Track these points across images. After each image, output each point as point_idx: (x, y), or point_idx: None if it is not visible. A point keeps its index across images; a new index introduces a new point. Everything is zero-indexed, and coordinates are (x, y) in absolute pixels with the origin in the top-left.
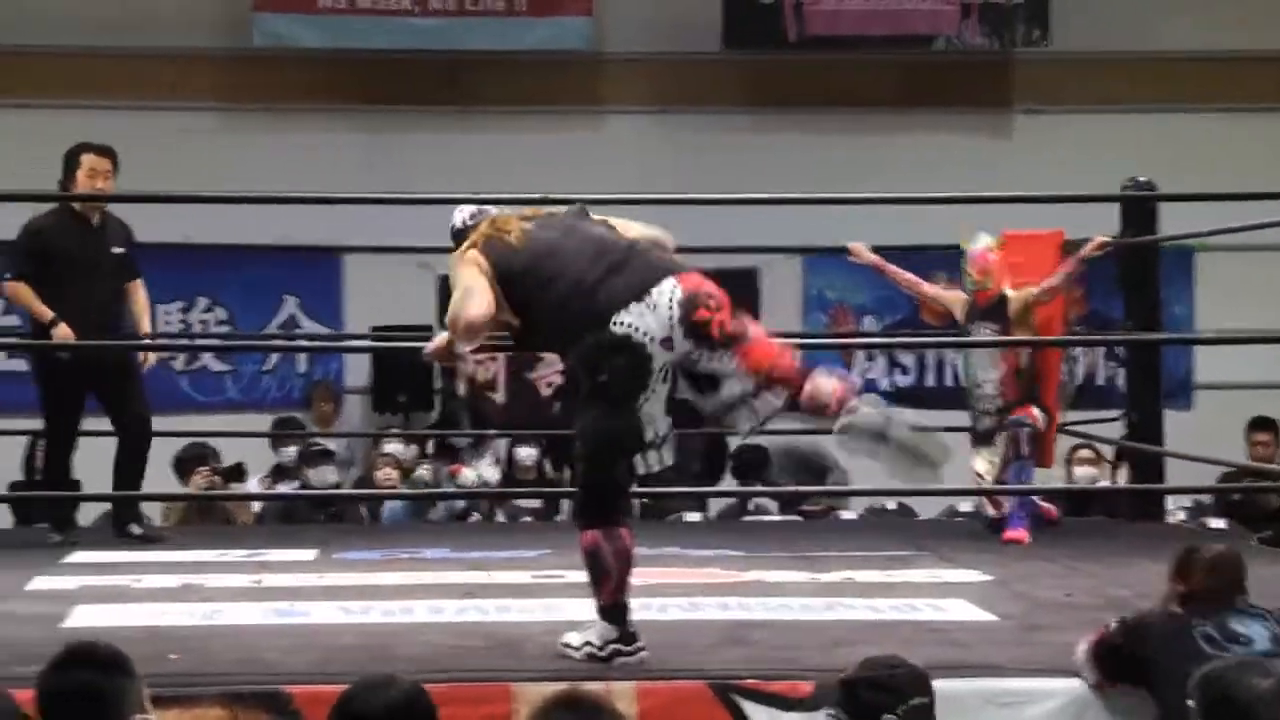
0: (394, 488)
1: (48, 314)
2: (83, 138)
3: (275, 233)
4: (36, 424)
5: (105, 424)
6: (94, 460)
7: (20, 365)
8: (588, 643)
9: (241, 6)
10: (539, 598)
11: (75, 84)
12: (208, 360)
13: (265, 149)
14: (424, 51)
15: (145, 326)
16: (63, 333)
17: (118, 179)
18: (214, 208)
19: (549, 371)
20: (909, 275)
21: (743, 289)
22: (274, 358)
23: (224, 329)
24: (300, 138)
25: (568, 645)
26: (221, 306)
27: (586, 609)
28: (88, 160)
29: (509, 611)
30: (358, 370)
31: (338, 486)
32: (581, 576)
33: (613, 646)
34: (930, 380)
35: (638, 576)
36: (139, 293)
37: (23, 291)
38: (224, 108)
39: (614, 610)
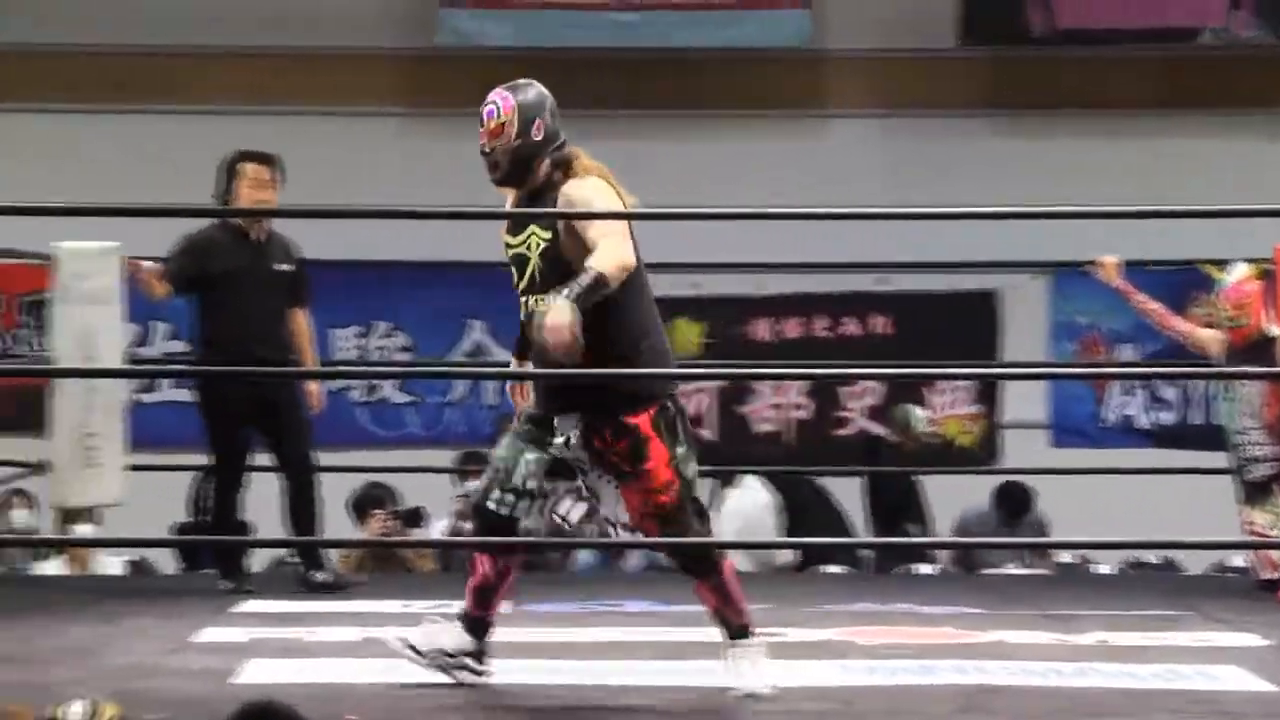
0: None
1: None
2: (250, 144)
3: (460, 249)
4: (204, 460)
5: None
6: (266, 501)
7: (186, 395)
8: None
9: (427, 2)
10: None
11: (243, 87)
12: (388, 391)
13: (450, 157)
14: (623, 49)
15: (309, 359)
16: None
17: (283, 189)
18: (393, 222)
19: (763, 405)
20: (1157, 306)
21: (980, 313)
22: (459, 388)
23: (405, 356)
24: None
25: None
26: (402, 331)
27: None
28: (249, 170)
29: (716, 674)
30: None
31: (529, 531)
32: (809, 635)
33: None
34: (1197, 418)
35: (865, 636)
36: (301, 321)
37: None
38: (405, 112)
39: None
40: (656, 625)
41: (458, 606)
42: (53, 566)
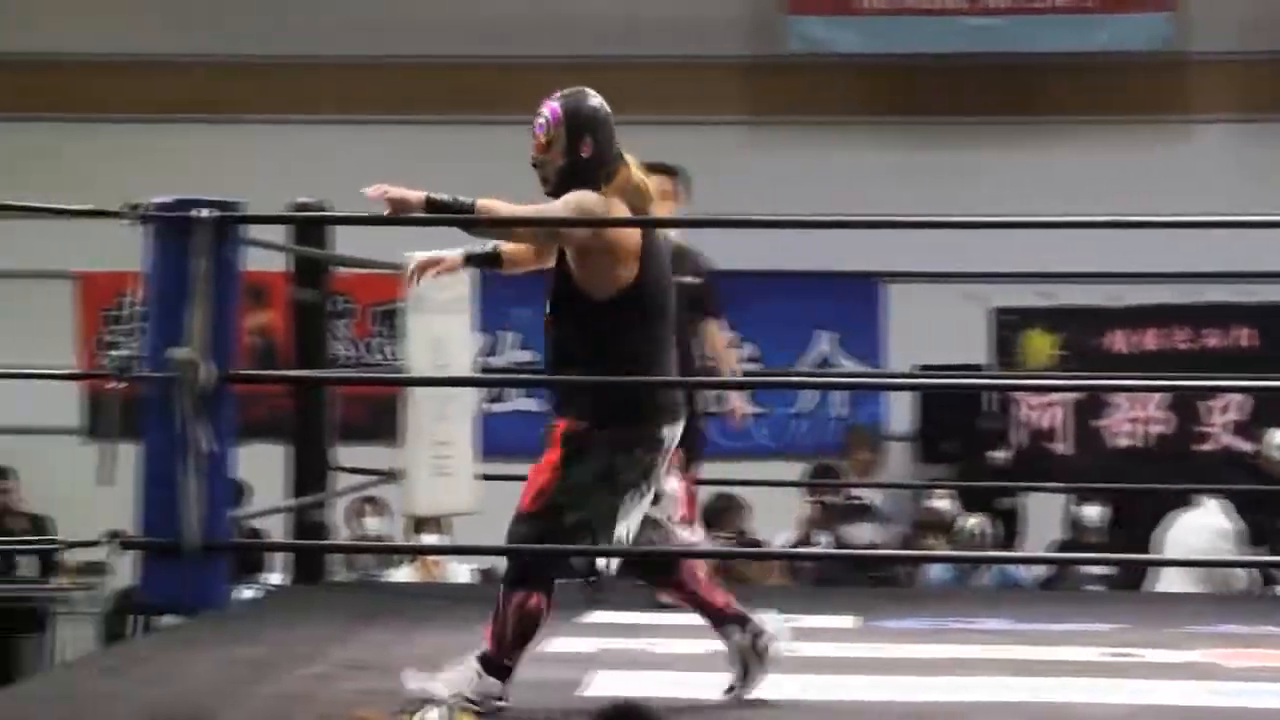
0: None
1: None
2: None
3: (807, 259)
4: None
5: None
6: None
7: (535, 405)
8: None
9: (774, 9)
10: (1111, 678)
11: None
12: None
13: (798, 166)
14: (979, 54)
15: (727, 366)
16: None
17: (688, 201)
18: (741, 231)
19: (1120, 418)
20: None
21: None
22: (807, 399)
23: (752, 366)
24: (837, 153)
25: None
26: (749, 341)
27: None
28: (651, 181)
29: (1074, 692)
30: (902, 414)
31: (875, 545)
32: (1166, 656)
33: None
34: None
35: (1230, 658)
36: (713, 332)
37: None
38: (753, 121)
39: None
40: (1010, 643)
41: (807, 621)
42: (404, 574)
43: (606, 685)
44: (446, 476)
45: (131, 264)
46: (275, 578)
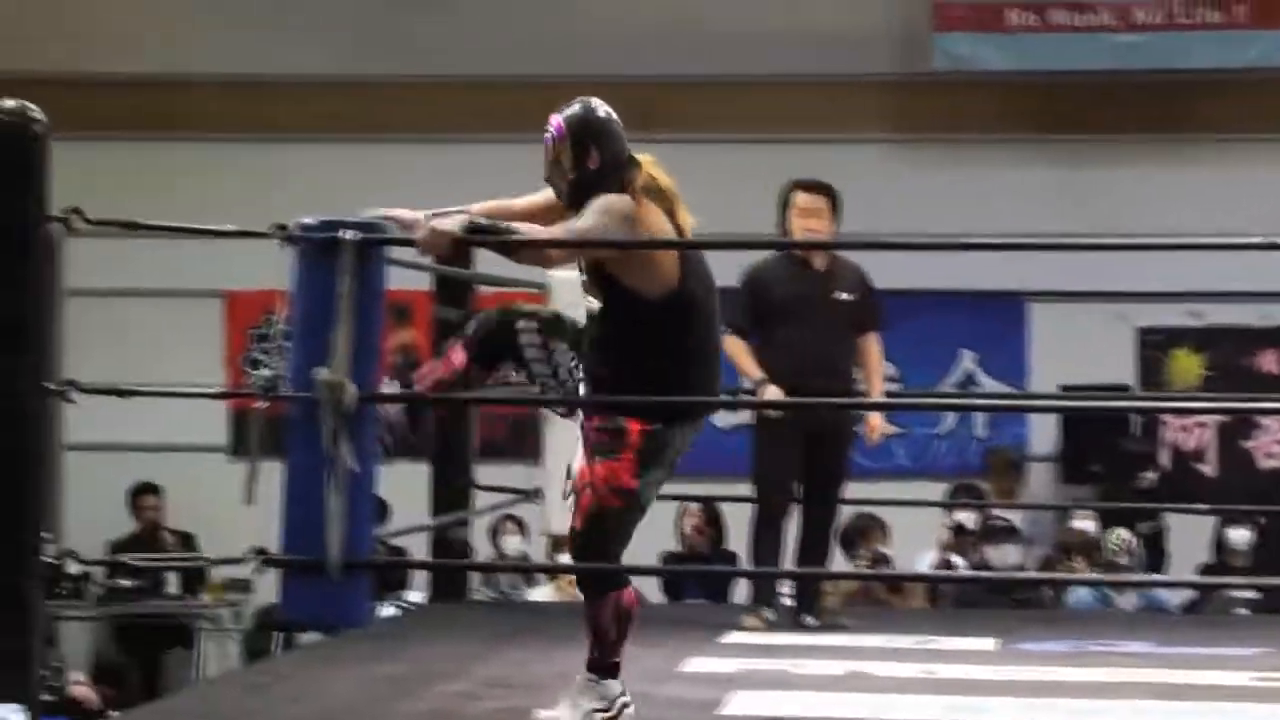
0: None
1: (755, 374)
2: (737, 171)
3: (951, 277)
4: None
5: None
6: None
7: None
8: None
9: (920, 27)
10: (1258, 702)
11: (734, 115)
12: None
13: (942, 183)
14: (1128, 72)
15: (876, 387)
16: (769, 394)
17: (840, 219)
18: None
19: (1268, 440)
20: None
21: None
22: (948, 420)
23: (892, 386)
24: (981, 172)
25: None
26: (890, 361)
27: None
28: (799, 199)
29: (1219, 716)
30: (1045, 434)
31: (1021, 567)
32: None
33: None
34: None
35: None
36: (869, 348)
37: (733, 347)
38: (894, 139)
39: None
40: (1153, 667)
41: (947, 643)
42: (543, 593)
43: (745, 705)
44: None
45: (279, 283)
46: (416, 596)
